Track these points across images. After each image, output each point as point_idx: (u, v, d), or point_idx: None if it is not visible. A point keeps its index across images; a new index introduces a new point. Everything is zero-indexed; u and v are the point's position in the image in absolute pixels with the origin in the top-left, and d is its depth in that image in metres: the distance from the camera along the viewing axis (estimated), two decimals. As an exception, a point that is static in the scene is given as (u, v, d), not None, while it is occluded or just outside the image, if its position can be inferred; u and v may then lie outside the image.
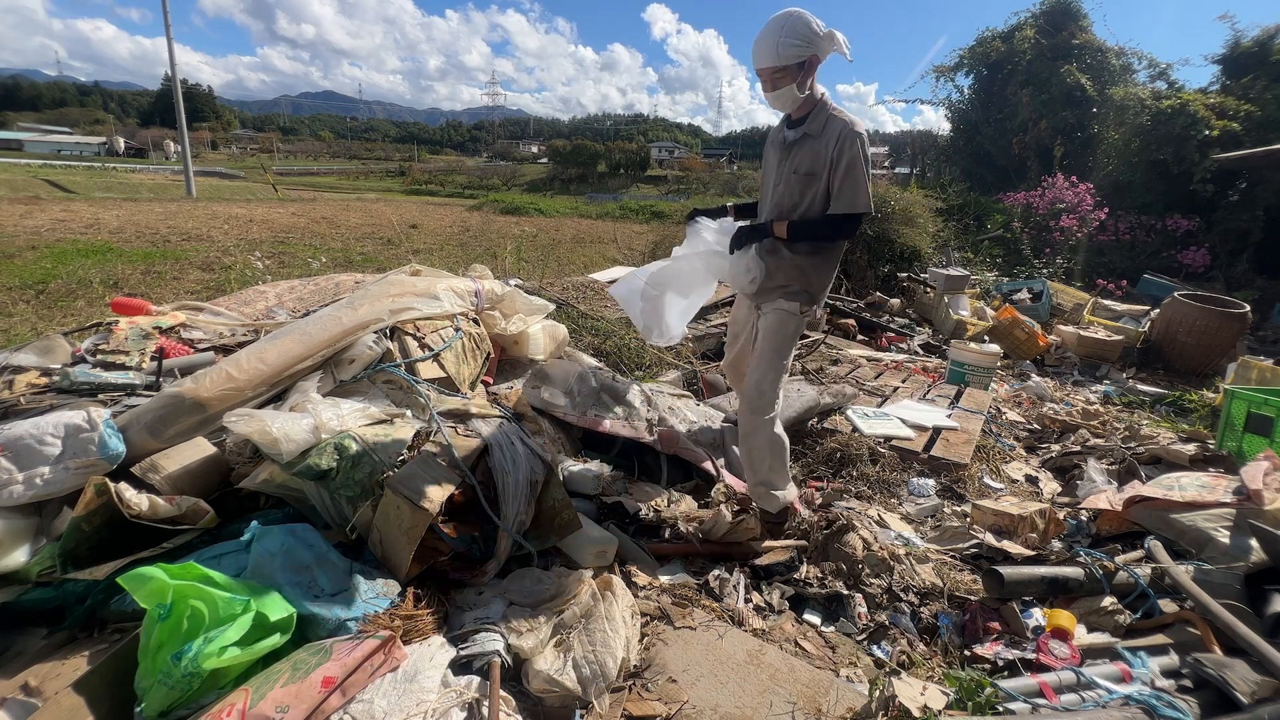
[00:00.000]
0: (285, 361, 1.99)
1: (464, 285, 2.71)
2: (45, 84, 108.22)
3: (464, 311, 2.64)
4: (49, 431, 1.54)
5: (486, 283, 2.88)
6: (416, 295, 2.47)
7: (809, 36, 1.90)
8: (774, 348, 2.09)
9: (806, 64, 1.94)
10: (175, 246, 7.21)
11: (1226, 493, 2.11)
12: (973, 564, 2.08)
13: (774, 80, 1.96)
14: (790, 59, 1.91)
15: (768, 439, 2.04)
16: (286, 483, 1.68)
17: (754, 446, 2.05)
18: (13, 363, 2.00)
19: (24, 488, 1.47)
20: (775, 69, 1.93)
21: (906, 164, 17.98)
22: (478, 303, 2.74)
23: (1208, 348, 5.32)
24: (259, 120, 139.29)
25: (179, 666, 1.11)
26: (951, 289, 6.47)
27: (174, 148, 38.56)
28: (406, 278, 2.64)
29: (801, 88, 1.97)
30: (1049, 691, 1.42)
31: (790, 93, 1.97)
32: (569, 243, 9.58)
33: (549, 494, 1.86)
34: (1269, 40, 10.08)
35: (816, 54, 1.93)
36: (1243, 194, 8.83)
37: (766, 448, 2.04)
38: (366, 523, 1.62)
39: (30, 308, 4.41)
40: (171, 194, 15.76)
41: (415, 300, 2.44)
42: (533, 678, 1.35)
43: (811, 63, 1.95)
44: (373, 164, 50.82)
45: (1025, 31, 12.16)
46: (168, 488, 1.61)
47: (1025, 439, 3.55)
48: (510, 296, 2.92)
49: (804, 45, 1.90)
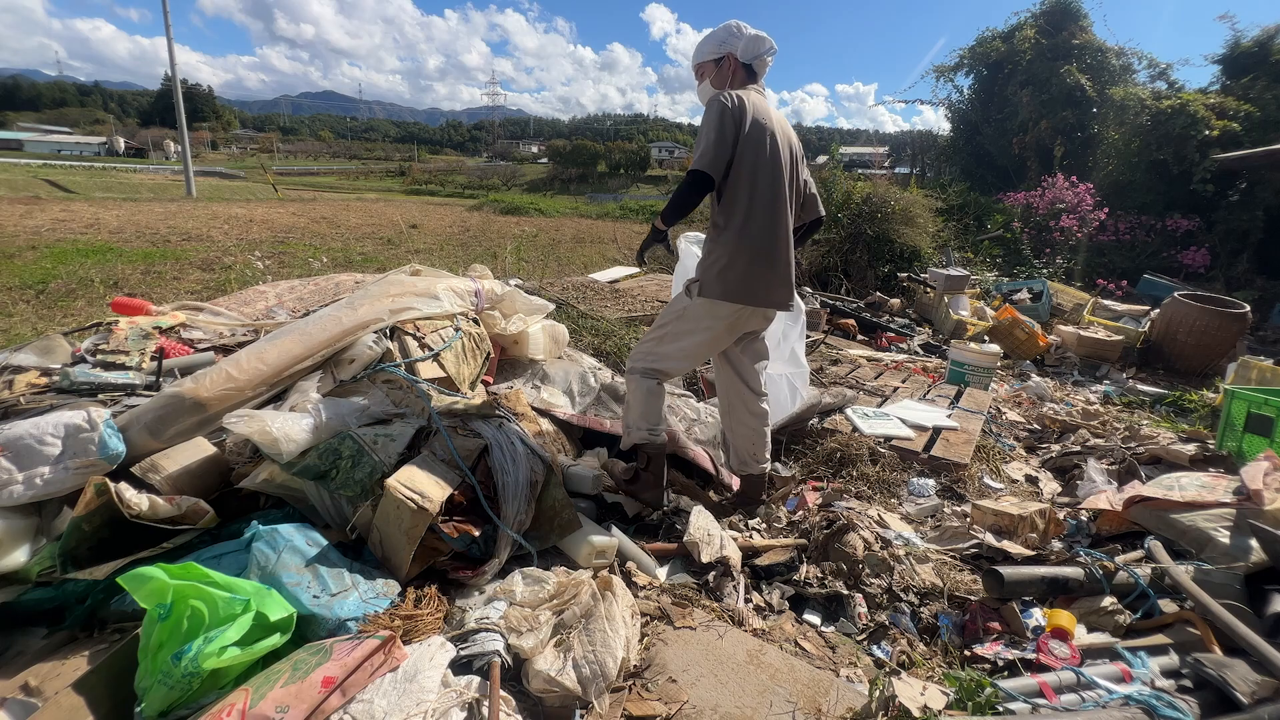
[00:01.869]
0: (285, 361, 1.99)
1: (464, 285, 2.71)
2: (45, 84, 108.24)
3: (464, 311, 2.65)
4: (49, 431, 1.54)
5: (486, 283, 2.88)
6: (416, 295, 2.47)
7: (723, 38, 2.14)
8: (660, 319, 2.25)
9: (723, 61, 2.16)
10: (175, 246, 7.21)
11: (1226, 493, 2.11)
12: (973, 564, 2.08)
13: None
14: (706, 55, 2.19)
15: (632, 389, 2.22)
16: (286, 483, 1.68)
17: (627, 393, 2.27)
18: (13, 363, 2.00)
19: (24, 488, 1.47)
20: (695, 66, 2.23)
21: (906, 164, 17.97)
22: (478, 303, 2.75)
23: (1208, 348, 5.32)
24: (259, 120, 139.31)
25: (179, 666, 1.11)
26: (951, 289, 6.47)
27: (174, 148, 38.57)
28: (406, 278, 2.64)
29: (718, 84, 2.17)
30: (1049, 691, 1.42)
31: (706, 88, 2.19)
32: (569, 243, 9.58)
33: (549, 494, 1.86)
34: (1269, 40, 10.08)
35: (736, 53, 2.13)
36: (1243, 194, 8.83)
37: (631, 395, 2.23)
38: (366, 523, 1.62)
39: (30, 308, 4.41)
40: (171, 194, 15.76)
41: (415, 300, 2.44)
42: (533, 678, 1.35)
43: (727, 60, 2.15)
44: (373, 164, 50.81)
45: (1025, 31, 12.16)
46: (168, 488, 1.61)
47: (1025, 439, 3.55)
48: (510, 296, 2.92)
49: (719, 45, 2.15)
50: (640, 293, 5.41)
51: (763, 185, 2.03)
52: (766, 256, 2.07)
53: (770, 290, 2.11)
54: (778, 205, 2.07)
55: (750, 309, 2.10)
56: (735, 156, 1.99)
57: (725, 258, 2.04)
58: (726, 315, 2.08)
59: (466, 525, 1.67)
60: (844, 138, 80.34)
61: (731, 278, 2.04)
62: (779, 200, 2.07)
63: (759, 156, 2.01)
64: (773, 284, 2.10)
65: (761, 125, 2.02)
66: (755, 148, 2.01)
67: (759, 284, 2.07)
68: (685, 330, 2.12)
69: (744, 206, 2.03)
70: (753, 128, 2.00)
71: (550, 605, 1.51)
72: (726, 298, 2.05)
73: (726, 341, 2.18)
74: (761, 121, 2.02)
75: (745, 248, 2.03)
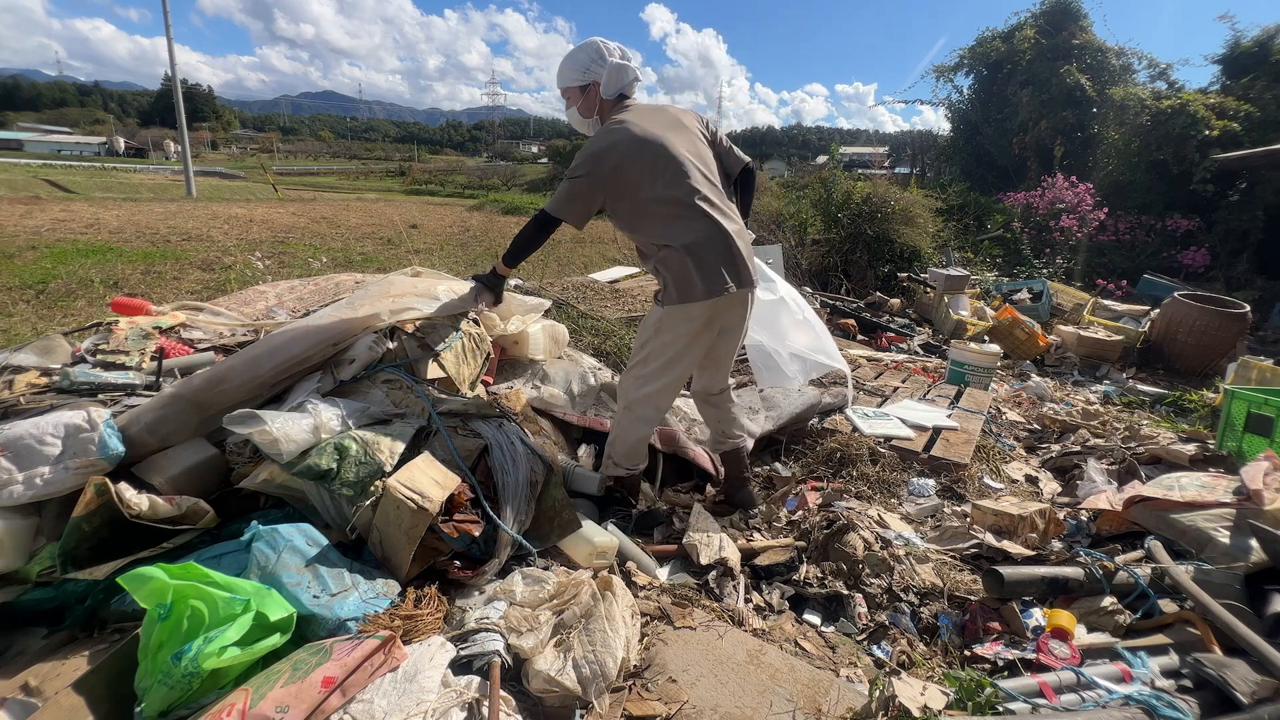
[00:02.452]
0: (285, 361, 1.99)
1: (464, 286, 2.71)
2: (45, 84, 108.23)
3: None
4: (49, 431, 1.54)
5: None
6: (417, 296, 2.47)
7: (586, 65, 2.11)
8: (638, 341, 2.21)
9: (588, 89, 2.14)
10: (175, 246, 7.21)
11: (1226, 493, 2.11)
12: (973, 564, 2.08)
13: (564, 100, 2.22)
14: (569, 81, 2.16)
15: (623, 426, 2.20)
16: (286, 483, 1.68)
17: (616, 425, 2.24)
18: (13, 363, 2.00)
19: (24, 488, 1.47)
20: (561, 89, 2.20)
21: (906, 164, 17.97)
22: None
23: (1208, 348, 5.32)
24: (259, 120, 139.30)
25: (179, 666, 1.11)
26: (951, 289, 6.47)
27: (174, 148, 38.56)
28: (407, 279, 2.65)
29: (585, 112, 2.17)
30: (1049, 691, 1.42)
31: (574, 114, 2.21)
32: (569, 243, 9.57)
33: (549, 494, 1.86)
34: (1269, 40, 10.07)
35: (601, 87, 2.10)
36: (1243, 194, 8.82)
37: (619, 430, 2.21)
38: (366, 523, 1.62)
39: (30, 308, 4.41)
40: (171, 194, 15.76)
41: (415, 300, 2.44)
42: (533, 678, 1.35)
43: (592, 89, 2.13)
44: (373, 164, 50.76)
45: (1025, 31, 12.15)
46: (168, 488, 1.61)
47: (1025, 439, 3.55)
48: (506, 299, 2.92)
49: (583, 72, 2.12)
50: (640, 293, 5.41)
51: (673, 188, 1.99)
52: (716, 243, 2.02)
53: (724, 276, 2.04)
54: (699, 193, 2.02)
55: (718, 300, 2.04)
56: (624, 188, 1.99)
57: (678, 261, 2.00)
58: (698, 315, 2.04)
59: (466, 525, 1.67)
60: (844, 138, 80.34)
61: (694, 277, 2.00)
62: (696, 188, 2.02)
63: (652, 170, 1.98)
64: (725, 267, 2.04)
65: (640, 142, 1.98)
66: (643, 167, 1.98)
67: (719, 272, 2.02)
68: (666, 342, 2.08)
69: (669, 214, 2.00)
70: (630, 154, 1.97)
71: (550, 605, 1.51)
72: (688, 298, 2.01)
73: (708, 339, 2.13)
74: (636, 137, 1.98)
75: (690, 250, 1.99)
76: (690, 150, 2.08)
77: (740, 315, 2.17)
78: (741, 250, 2.07)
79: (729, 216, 2.08)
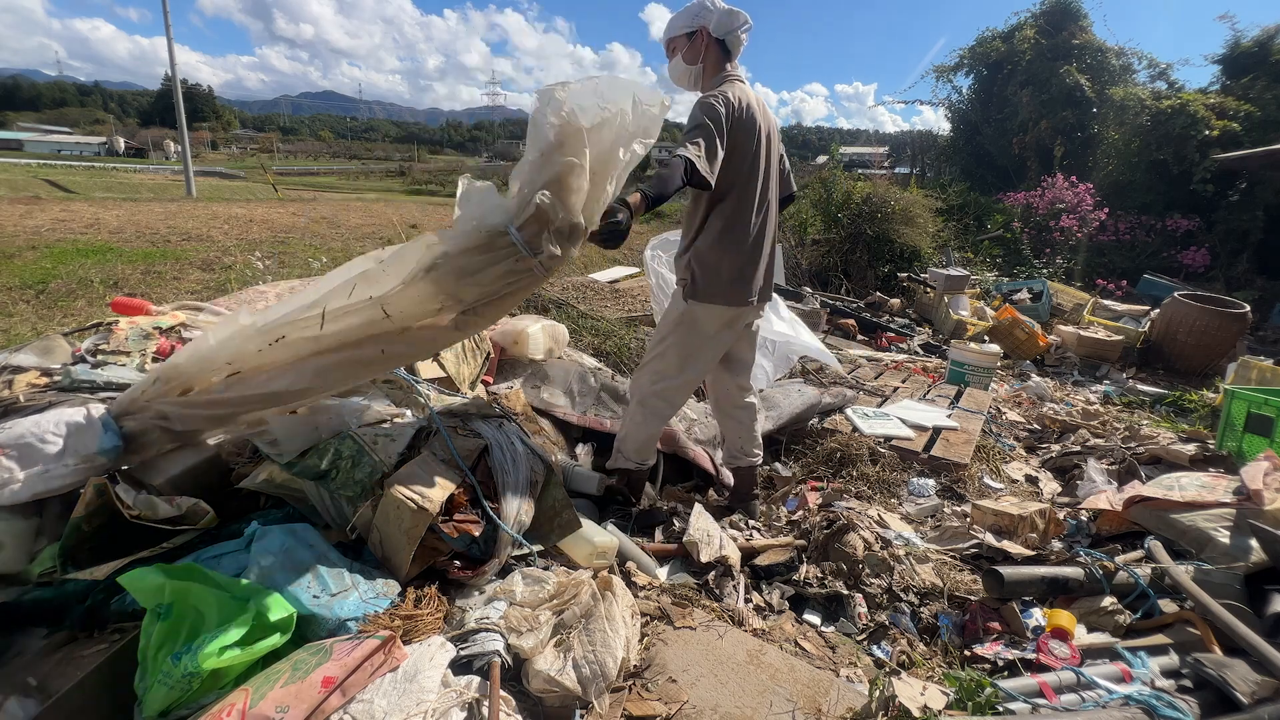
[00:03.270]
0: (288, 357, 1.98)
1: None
2: (45, 84, 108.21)
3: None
4: (50, 429, 1.54)
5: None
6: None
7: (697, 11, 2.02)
8: (656, 334, 2.21)
9: (695, 35, 2.04)
10: (175, 246, 7.21)
11: (1226, 493, 2.11)
12: (973, 564, 2.08)
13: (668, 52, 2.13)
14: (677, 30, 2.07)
15: (635, 419, 2.20)
16: (286, 483, 1.68)
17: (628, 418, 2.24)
18: (13, 363, 2.00)
19: (24, 486, 1.47)
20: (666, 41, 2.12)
21: (906, 164, 17.97)
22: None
23: (1208, 348, 5.32)
24: (259, 120, 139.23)
25: (179, 666, 1.11)
26: (951, 289, 6.48)
27: (174, 148, 38.55)
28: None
29: (690, 59, 2.06)
30: (1049, 691, 1.42)
31: (678, 64, 2.09)
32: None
33: (549, 494, 1.85)
34: (1269, 40, 10.08)
35: (710, 27, 2.01)
36: (1243, 194, 8.83)
37: (631, 422, 2.22)
38: (366, 523, 1.62)
39: (30, 308, 4.41)
40: (171, 194, 15.75)
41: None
42: (533, 678, 1.35)
43: (699, 35, 2.03)
44: (373, 164, 50.75)
45: (1025, 31, 12.15)
46: (168, 488, 1.61)
47: (1025, 439, 3.55)
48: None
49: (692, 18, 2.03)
50: (640, 292, 5.41)
51: (751, 186, 2.00)
52: (755, 255, 2.06)
53: (761, 286, 2.11)
54: (764, 204, 2.06)
55: (743, 309, 2.09)
56: (728, 164, 1.93)
57: (715, 260, 2.00)
58: (723, 317, 2.07)
59: (466, 525, 1.67)
60: (844, 138, 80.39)
61: (725, 280, 2.01)
62: (765, 198, 2.06)
63: (749, 159, 1.97)
64: (758, 280, 2.09)
65: (753, 122, 1.96)
66: (745, 151, 1.96)
67: (750, 282, 2.06)
68: (684, 336, 2.08)
69: (732, 209, 1.99)
70: (745, 128, 1.94)
71: (550, 605, 1.51)
72: (722, 300, 2.03)
73: (728, 340, 2.16)
74: (752, 116, 1.96)
75: (735, 250, 2.01)
76: (771, 157, 2.10)
77: (756, 318, 2.23)
78: (772, 265, 2.14)
79: (772, 230, 2.13)
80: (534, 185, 1.42)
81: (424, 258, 1.42)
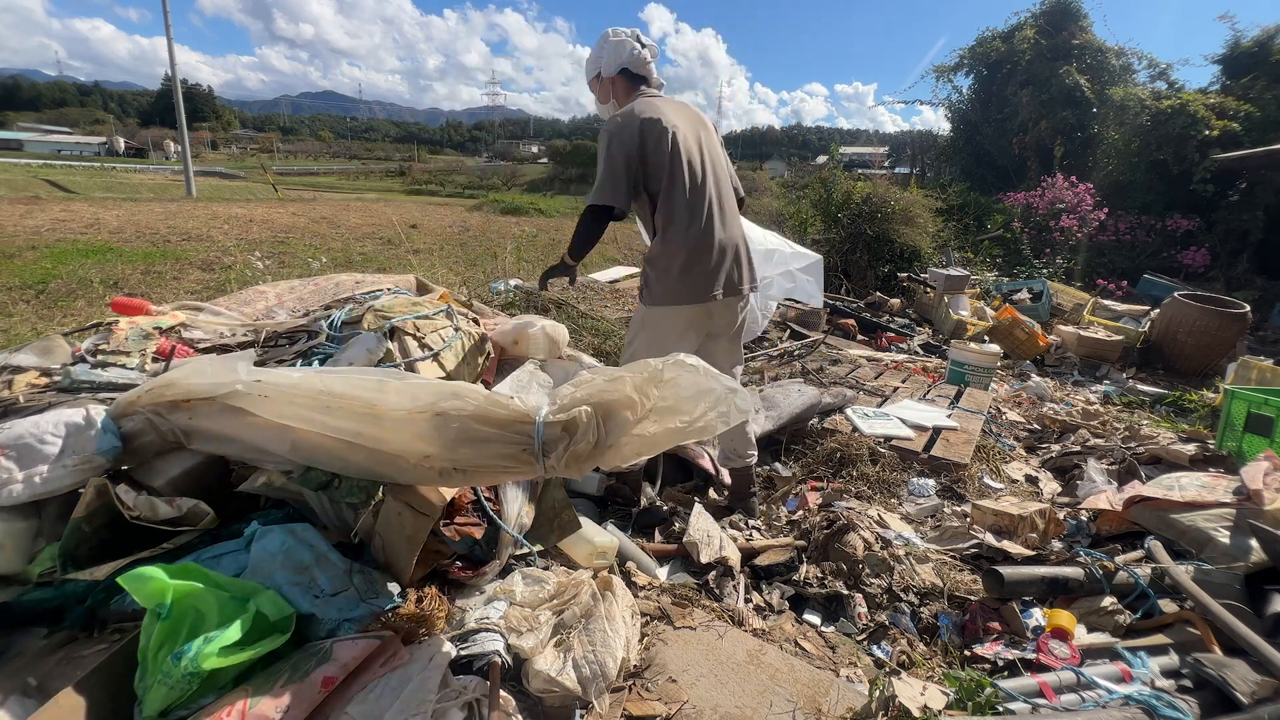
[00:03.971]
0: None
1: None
2: (45, 84, 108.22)
3: (463, 312, 2.65)
4: (49, 430, 1.53)
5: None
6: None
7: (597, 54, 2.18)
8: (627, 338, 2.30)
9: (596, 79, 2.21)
10: (175, 246, 7.21)
11: (1226, 493, 2.11)
12: (973, 564, 2.08)
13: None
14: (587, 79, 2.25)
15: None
16: (286, 485, 1.67)
17: None
18: (13, 363, 2.00)
19: (24, 487, 1.47)
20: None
21: (906, 164, 17.97)
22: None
23: (1208, 348, 5.32)
24: (259, 120, 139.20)
25: (179, 666, 1.10)
26: (951, 289, 6.48)
27: (174, 148, 38.54)
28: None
29: (603, 99, 2.23)
30: (1049, 691, 1.42)
31: (599, 105, 2.27)
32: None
33: (549, 494, 1.85)
34: (1269, 40, 10.08)
35: (601, 70, 2.17)
36: (1243, 194, 8.82)
37: None
38: (369, 529, 1.62)
39: (30, 308, 4.42)
40: (171, 194, 15.75)
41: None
42: (533, 678, 1.35)
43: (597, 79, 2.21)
44: (373, 164, 50.72)
45: (1025, 31, 12.15)
46: (168, 489, 1.61)
47: (1025, 439, 3.55)
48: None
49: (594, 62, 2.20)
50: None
51: (677, 186, 2.01)
52: (703, 249, 2.04)
53: (714, 283, 2.06)
54: (703, 198, 2.05)
55: (703, 305, 2.07)
56: (645, 172, 2.00)
57: (663, 260, 2.04)
58: (681, 317, 2.07)
59: (468, 528, 1.67)
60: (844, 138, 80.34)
61: (673, 281, 2.03)
62: (702, 193, 2.05)
63: (666, 161, 1.99)
64: (716, 275, 2.06)
65: (659, 128, 1.98)
66: (659, 155, 1.98)
67: (701, 280, 2.05)
68: (649, 340, 2.10)
69: (666, 210, 2.02)
70: (652, 135, 1.97)
71: (550, 605, 1.51)
72: (672, 300, 2.05)
73: (693, 341, 2.14)
74: (658, 122, 1.98)
75: (679, 248, 2.02)
76: (708, 148, 2.11)
77: (730, 320, 2.18)
78: (737, 257, 2.10)
79: (729, 224, 2.10)
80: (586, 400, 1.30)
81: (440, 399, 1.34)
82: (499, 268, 6.58)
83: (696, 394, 1.31)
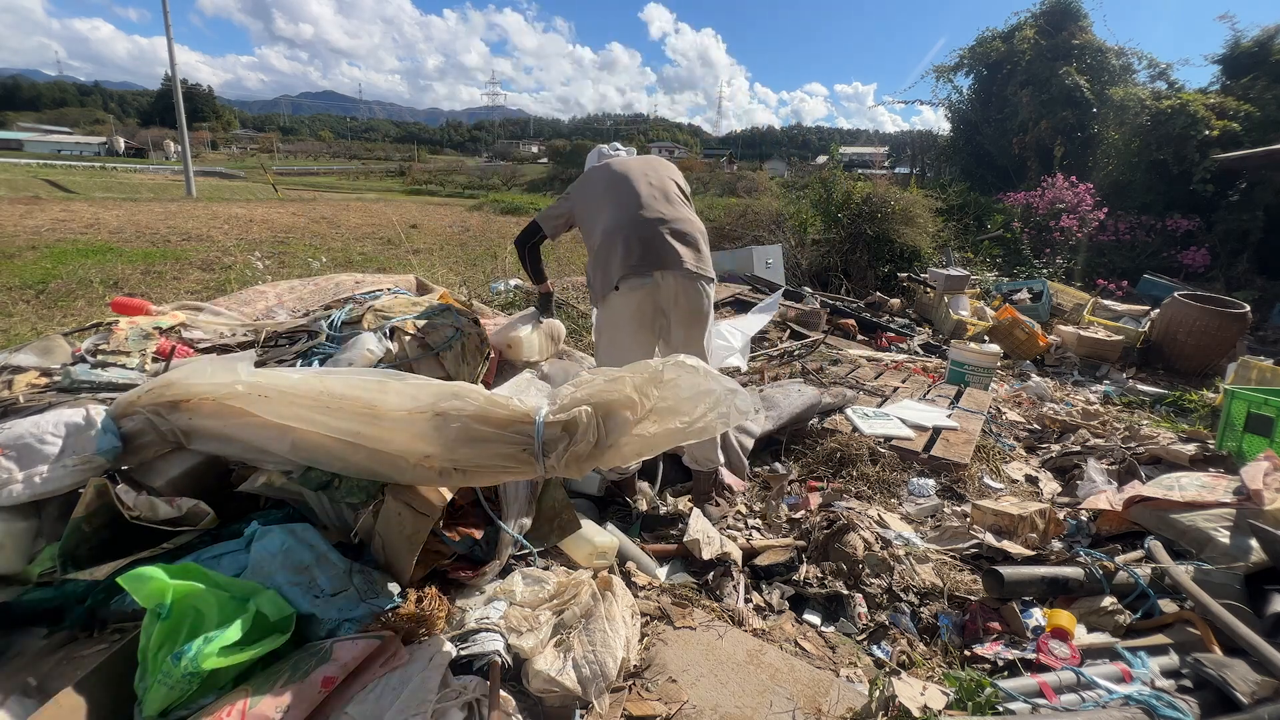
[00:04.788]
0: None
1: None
2: (45, 84, 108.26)
3: (463, 311, 2.64)
4: (49, 430, 1.53)
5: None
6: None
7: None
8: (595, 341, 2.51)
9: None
10: (175, 246, 7.21)
11: (1226, 493, 2.11)
12: (973, 564, 2.08)
13: None
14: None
15: None
16: (286, 485, 1.68)
17: None
18: (13, 363, 2.00)
19: (24, 486, 1.47)
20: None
21: (906, 164, 17.97)
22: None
23: (1208, 348, 5.32)
24: (259, 120, 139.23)
25: (179, 666, 1.10)
26: (951, 289, 6.47)
27: (174, 148, 38.54)
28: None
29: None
30: (1049, 691, 1.42)
31: None
32: (569, 242, 9.56)
33: (549, 494, 1.85)
34: (1269, 40, 10.08)
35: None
36: (1243, 194, 8.82)
37: None
38: (369, 529, 1.62)
39: (30, 308, 4.42)
40: (171, 194, 15.75)
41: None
42: (533, 678, 1.35)
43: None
44: (373, 164, 50.75)
45: (1025, 31, 12.14)
46: (168, 489, 1.61)
47: (1025, 439, 3.55)
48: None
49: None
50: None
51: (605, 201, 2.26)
52: (631, 231, 2.14)
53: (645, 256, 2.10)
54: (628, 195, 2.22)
55: (639, 282, 2.10)
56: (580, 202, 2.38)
57: (602, 255, 2.18)
58: (627, 303, 2.15)
59: (468, 528, 1.67)
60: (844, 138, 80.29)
61: (603, 267, 2.17)
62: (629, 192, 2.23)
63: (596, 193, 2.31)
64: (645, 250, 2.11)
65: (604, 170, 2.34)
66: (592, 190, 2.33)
67: (636, 254, 2.11)
68: (609, 339, 2.26)
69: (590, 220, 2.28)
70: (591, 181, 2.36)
71: (550, 605, 1.51)
72: (609, 286, 2.15)
73: (649, 326, 2.21)
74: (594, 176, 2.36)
75: (603, 244, 2.18)
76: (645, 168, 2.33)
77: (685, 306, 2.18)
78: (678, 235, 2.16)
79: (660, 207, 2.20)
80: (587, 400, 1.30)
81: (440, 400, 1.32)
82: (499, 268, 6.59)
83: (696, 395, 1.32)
